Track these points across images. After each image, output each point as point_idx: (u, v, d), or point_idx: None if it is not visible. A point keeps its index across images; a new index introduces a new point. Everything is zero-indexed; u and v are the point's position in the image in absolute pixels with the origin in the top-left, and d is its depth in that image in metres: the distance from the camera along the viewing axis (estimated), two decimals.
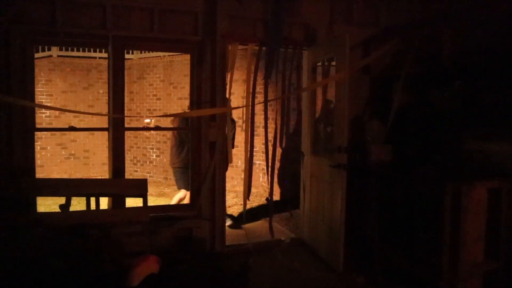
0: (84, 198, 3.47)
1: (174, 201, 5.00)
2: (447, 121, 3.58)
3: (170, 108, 8.71)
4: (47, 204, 5.45)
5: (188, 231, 3.89)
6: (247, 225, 4.90)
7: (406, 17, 4.28)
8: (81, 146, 9.25)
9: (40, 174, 7.31)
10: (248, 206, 4.83)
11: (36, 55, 7.56)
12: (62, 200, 3.45)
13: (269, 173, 4.37)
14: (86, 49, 8.94)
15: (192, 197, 4.10)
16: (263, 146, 4.50)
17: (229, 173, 4.43)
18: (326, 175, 3.97)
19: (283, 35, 4.13)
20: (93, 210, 3.49)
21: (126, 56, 8.09)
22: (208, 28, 3.91)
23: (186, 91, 6.60)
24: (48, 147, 8.94)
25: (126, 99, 6.96)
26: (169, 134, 8.73)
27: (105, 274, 2.90)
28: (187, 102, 5.68)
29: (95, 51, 9.01)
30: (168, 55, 8.63)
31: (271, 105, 6.25)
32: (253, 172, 4.65)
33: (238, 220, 4.98)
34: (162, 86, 8.89)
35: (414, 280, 3.26)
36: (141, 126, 8.51)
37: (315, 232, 4.26)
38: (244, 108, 4.40)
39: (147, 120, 8.28)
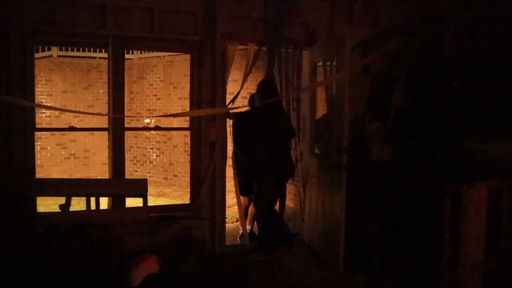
0: (84, 198, 3.47)
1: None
2: (447, 121, 3.57)
3: (170, 108, 8.71)
4: (47, 204, 5.44)
5: (188, 231, 3.89)
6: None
7: (406, 17, 4.27)
8: (81, 146, 9.25)
9: (40, 174, 7.32)
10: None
11: (36, 55, 7.56)
12: (62, 200, 3.45)
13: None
14: (86, 49, 8.94)
15: (192, 197, 4.10)
16: None
17: (229, 173, 4.43)
18: (326, 175, 3.97)
19: (283, 35, 4.13)
20: (93, 210, 3.49)
21: (126, 56, 8.09)
22: (208, 28, 3.90)
23: (186, 91, 6.60)
24: (48, 147, 8.94)
25: (126, 99, 6.94)
26: (169, 134, 8.76)
27: (105, 274, 2.90)
28: (187, 102, 5.69)
29: (95, 51, 9.01)
30: (168, 55, 8.63)
31: None
32: None
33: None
34: (162, 86, 8.89)
35: (414, 280, 3.26)
36: (141, 126, 8.52)
37: (315, 232, 4.26)
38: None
39: (147, 120, 8.28)
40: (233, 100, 4.40)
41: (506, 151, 3.13)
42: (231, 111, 4.31)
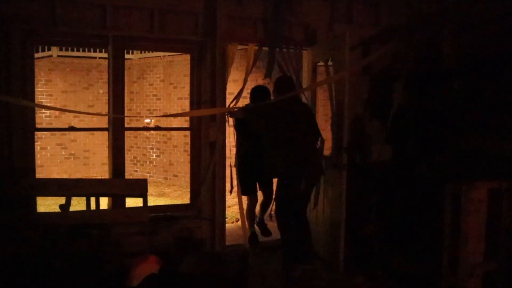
0: (84, 198, 3.47)
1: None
2: (447, 121, 3.58)
3: (170, 108, 8.71)
4: (47, 204, 5.44)
5: (188, 231, 3.89)
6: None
7: (406, 17, 4.28)
8: (81, 146, 9.26)
9: (40, 174, 7.32)
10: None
11: (36, 55, 7.56)
12: (62, 200, 3.45)
13: None
14: (86, 49, 8.94)
15: (192, 197, 4.10)
16: None
17: (229, 173, 4.42)
18: (326, 175, 3.97)
19: (283, 35, 4.13)
20: (93, 210, 3.49)
21: (126, 56, 8.10)
22: (208, 28, 3.91)
23: (186, 91, 6.60)
24: (48, 147, 8.94)
25: (126, 99, 6.95)
26: (169, 134, 8.76)
27: (105, 274, 2.90)
28: (187, 102, 5.69)
29: (95, 51, 9.01)
30: (168, 55, 8.64)
31: None
32: None
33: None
34: (162, 86, 8.89)
35: (414, 280, 3.26)
36: (141, 126, 8.53)
37: (315, 232, 4.25)
38: None
39: (147, 120, 8.30)
40: (235, 99, 4.37)
41: (506, 151, 3.13)
42: (234, 109, 4.23)
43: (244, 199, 4.49)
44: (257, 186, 4.50)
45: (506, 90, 3.21)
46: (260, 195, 4.59)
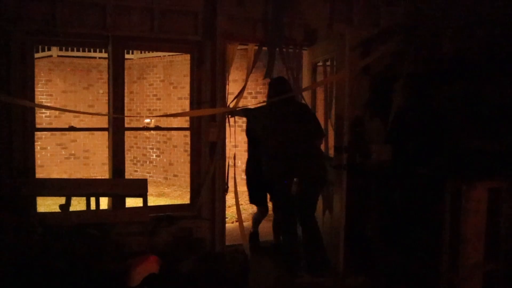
0: (84, 198, 3.47)
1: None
2: (447, 121, 3.58)
3: (170, 108, 8.71)
4: (47, 204, 5.44)
5: (188, 231, 3.89)
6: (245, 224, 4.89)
7: (406, 17, 4.28)
8: (81, 146, 9.27)
9: (40, 174, 7.31)
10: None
11: (36, 55, 7.56)
12: (62, 200, 3.45)
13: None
14: (86, 49, 8.95)
15: (192, 197, 4.10)
16: None
17: (226, 173, 4.42)
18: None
19: (283, 35, 4.13)
20: (93, 210, 3.49)
21: (126, 56, 8.10)
22: (208, 28, 3.90)
23: (186, 91, 6.60)
24: (48, 147, 8.95)
25: (126, 99, 6.95)
26: (169, 134, 8.76)
27: (105, 274, 2.90)
28: (187, 102, 5.69)
29: (95, 51, 9.02)
30: (168, 55, 8.64)
31: None
32: None
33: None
34: (162, 86, 8.90)
35: (414, 280, 3.26)
36: (141, 126, 8.53)
37: None
38: None
39: (147, 120, 8.30)
40: (235, 99, 4.37)
41: (507, 150, 3.13)
42: (236, 109, 4.22)
43: (247, 202, 4.44)
44: (267, 196, 4.38)
45: (506, 90, 3.21)
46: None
